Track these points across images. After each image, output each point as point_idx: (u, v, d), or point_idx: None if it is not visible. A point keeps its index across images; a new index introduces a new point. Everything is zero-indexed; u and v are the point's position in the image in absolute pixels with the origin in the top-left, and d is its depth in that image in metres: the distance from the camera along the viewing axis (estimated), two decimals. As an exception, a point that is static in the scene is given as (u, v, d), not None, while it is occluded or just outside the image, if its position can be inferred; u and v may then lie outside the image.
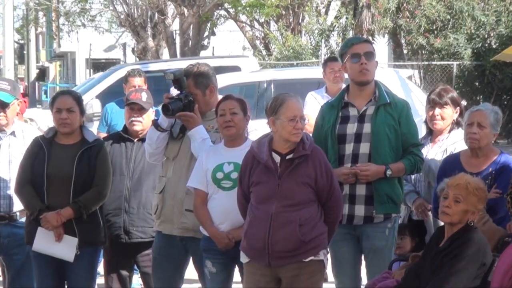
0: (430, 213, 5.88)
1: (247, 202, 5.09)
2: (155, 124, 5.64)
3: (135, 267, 6.58)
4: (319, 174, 4.98)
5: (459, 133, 5.92)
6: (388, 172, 5.45)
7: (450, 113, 6.07)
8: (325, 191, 5.00)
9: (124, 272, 6.44)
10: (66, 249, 5.71)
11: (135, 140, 6.39)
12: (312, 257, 5.00)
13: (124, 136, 6.43)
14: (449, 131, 6.08)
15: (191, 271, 6.09)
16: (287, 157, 4.98)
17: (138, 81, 8.33)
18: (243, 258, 5.10)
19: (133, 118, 6.40)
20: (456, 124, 6.07)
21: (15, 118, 6.29)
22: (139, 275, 6.82)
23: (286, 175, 4.96)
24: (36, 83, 52.20)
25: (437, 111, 6.04)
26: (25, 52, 51.25)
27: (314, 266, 5.02)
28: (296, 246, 4.93)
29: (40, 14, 38.80)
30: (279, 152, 5.00)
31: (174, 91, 6.07)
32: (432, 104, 6.07)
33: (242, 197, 5.14)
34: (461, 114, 6.04)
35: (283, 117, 4.91)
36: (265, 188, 4.97)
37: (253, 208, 5.03)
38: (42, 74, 60.20)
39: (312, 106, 8.18)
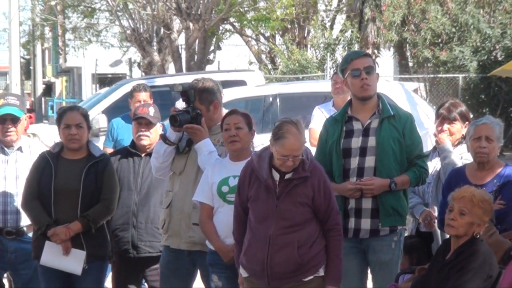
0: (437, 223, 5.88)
1: (244, 213, 5.06)
2: (163, 137, 5.66)
3: (143, 281, 6.59)
4: (317, 193, 4.97)
5: (465, 147, 5.92)
6: (393, 186, 5.45)
7: (458, 128, 6.08)
8: (322, 209, 4.99)
9: (132, 287, 6.45)
10: (74, 262, 5.73)
11: (143, 155, 6.41)
12: (311, 276, 5.00)
13: (132, 151, 6.45)
14: (457, 145, 6.08)
15: (198, 285, 6.10)
16: (286, 176, 4.94)
17: (144, 96, 8.36)
18: (243, 272, 5.09)
19: (141, 133, 6.42)
20: (464, 138, 6.07)
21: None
22: (146, 289, 6.82)
23: (284, 195, 4.92)
24: (43, 99, 52.32)
25: (446, 126, 6.05)
26: (31, 67, 51.41)
27: (315, 283, 5.01)
28: (295, 268, 4.93)
29: (46, 29, 38.93)
30: (278, 170, 4.96)
31: (179, 105, 6.10)
32: (441, 119, 6.08)
33: (240, 206, 5.08)
34: None
35: (277, 149, 4.86)
36: (263, 206, 4.95)
37: (252, 226, 5.00)
38: (49, 89, 60.33)
39: (319, 120, 8.20)
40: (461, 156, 5.98)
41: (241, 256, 5.05)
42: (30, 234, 6.05)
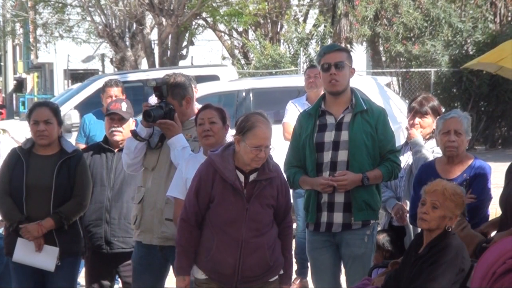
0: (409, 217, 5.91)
1: (197, 216, 4.86)
2: (134, 133, 5.64)
3: (117, 277, 6.57)
4: (281, 193, 4.97)
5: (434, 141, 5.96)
6: (365, 181, 5.47)
7: (429, 122, 6.11)
8: (282, 208, 5.00)
9: (106, 282, 6.43)
10: (46, 259, 5.70)
11: (116, 151, 6.39)
12: (276, 276, 5.02)
13: (105, 146, 6.43)
14: (428, 139, 6.11)
15: (171, 280, 6.09)
16: (251, 178, 4.88)
17: (116, 91, 8.33)
18: (200, 275, 4.97)
19: (113, 129, 6.40)
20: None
21: None
22: (120, 285, 6.80)
23: (253, 198, 4.86)
24: (14, 95, 51.90)
25: (417, 120, 6.08)
26: (2, 63, 50.96)
27: (276, 283, 5.04)
28: (264, 270, 4.94)
29: (17, 25, 38.61)
30: (242, 170, 4.89)
31: (152, 101, 6.07)
32: (412, 112, 6.11)
33: (196, 208, 4.86)
34: None
35: (249, 142, 4.78)
36: (231, 210, 4.83)
37: (217, 231, 4.85)
38: (20, 85, 59.87)
39: (293, 114, 8.21)
40: (433, 150, 6.01)
41: (201, 260, 4.90)
42: (1, 230, 6.00)
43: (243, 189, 4.85)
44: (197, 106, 5.80)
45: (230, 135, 5.57)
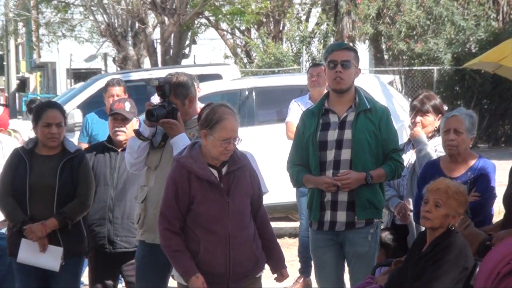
0: (411, 215, 5.90)
1: (180, 220, 4.77)
2: (137, 133, 5.64)
3: (120, 276, 6.58)
4: (253, 179, 4.92)
5: (438, 139, 5.95)
6: (369, 179, 5.47)
7: (431, 120, 6.10)
8: (256, 195, 4.94)
9: (109, 282, 6.43)
10: (51, 259, 5.70)
11: (119, 150, 6.39)
12: (261, 272, 4.99)
13: (108, 146, 6.43)
14: (431, 137, 6.11)
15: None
16: (223, 171, 4.80)
17: (118, 90, 8.32)
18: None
19: (117, 128, 6.39)
20: (438, 131, 6.10)
21: None
22: (123, 284, 6.80)
23: (232, 190, 4.79)
24: (17, 94, 51.96)
25: (419, 118, 6.08)
26: (4, 63, 51.03)
27: (260, 279, 5.00)
28: (252, 265, 4.89)
29: (20, 24, 38.65)
30: (212, 166, 4.82)
31: (155, 100, 6.07)
32: (414, 110, 6.11)
33: (177, 213, 4.75)
34: None
35: (217, 136, 4.71)
36: (214, 207, 4.75)
37: (202, 231, 4.75)
38: (23, 84, 59.94)
39: (296, 113, 8.21)
40: (436, 149, 6.01)
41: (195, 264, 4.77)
42: (3, 230, 5.99)
43: (220, 184, 4.78)
44: (200, 105, 5.80)
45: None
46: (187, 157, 4.79)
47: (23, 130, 11.70)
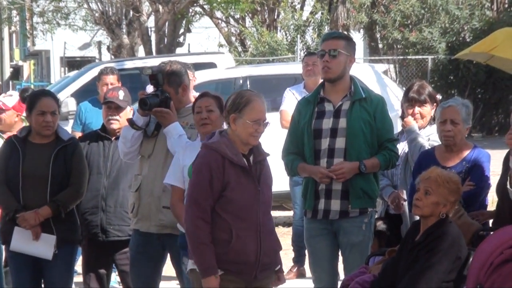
0: (405, 205, 5.91)
1: (210, 208, 4.68)
2: (130, 122, 5.63)
3: (113, 265, 6.58)
4: (270, 171, 4.92)
5: (433, 128, 5.95)
6: (363, 168, 5.47)
7: (429, 110, 6.08)
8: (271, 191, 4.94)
9: (102, 271, 6.43)
10: (44, 247, 5.70)
11: (113, 139, 6.38)
12: (279, 266, 4.97)
13: (102, 134, 6.42)
14: (425, 127, 6.10)
15: (168, 268, 6.09)
16: (251, 159, 4.77)
17: (111, 78, 8.31)
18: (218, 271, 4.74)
19: (111, 117, 6.38)
20: (433, 119, 6.09)
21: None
22: (117, 273, 6.81)
23: (262, 179, 4.78)
24: (10, 82, 51.82)
25: (417, 109, 6.04)
26: (-2, 51, 50.86)
27: (274, 275, 4.95)
28: (275, 256, 4.89)
29: (14, 12, 38.50)
30: (243, 155, 4.79)
31: (149, 89, 6.06)
32: (411, 102, 6.06)
33: (209, 201, 4.65)
34: None
35: (247, 117, 4.69)
36: (247, 194, 4.70)
37: (234, 218, 4.68)
38: (16, 73, 59.74)
39: (290, 102, 8.21)
40: (428, 138, 6.00)
41: (217, 254, 4.67)
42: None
43: (252, 171, 4.76)
44: (194, 94, 5.80)
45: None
46: (219, 143, 4.71)
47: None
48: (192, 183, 4.76)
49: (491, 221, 5.56)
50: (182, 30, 26.68)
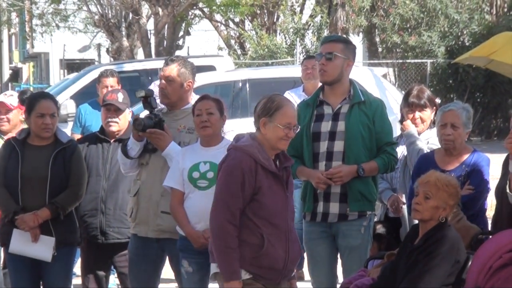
0: (404, 208, 5.91)
1: (239, 219, 4.60)
2: (124, 151, 5.64)
3: (112, 267, 6.58)
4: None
5: (433, 133, 5.95)
6: (361, 171, 5.47)
7: (429, 114, 6.09)
8: None
9: (101, 273, 6.43)
10: (43, 249, 5.70)
11: (112, 141, 6.38)
12: (294, 273, 4.95)
13: (101, 137, 6.42)
14: (425, 131, 6.11)
15: (167, 271, 6.10)
16: (278, 164, 4.74)
17: (111, 81, 8.31)
18: (244, 274, 4.69)
19: (110, 119, 6.38)
20: (433, 123, 6.09)
21: None
22: (116, 275, 6.81)
23: (289, 185, 4.77)
24: (9, 84, 51.82)
25: (417, 114, 6.04)
26: (-3, 53, 50.90)
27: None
28: (297, 263, 4.89)
29: (13, 15, 38.52)
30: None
31: (154, 88, 6.07)
32: (411, 107, 6.06)
33: (240, 206, 4.57)
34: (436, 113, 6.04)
35: (279, 122, 4.66)
36: (278, 200, 4.67)
37: (264, 223, 4.63)
38: (16, 75, 59.75)
39: (289, 105, 8.19)
40: (427, 141, 6.01)
41: (247, 258, 4.61)
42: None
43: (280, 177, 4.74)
44: (194, 97, 5.81)
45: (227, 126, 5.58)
46: (252, 147, 4.65)
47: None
48: (222, 185, 4.66)
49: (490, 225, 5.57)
50: (181, 33, 26.72)
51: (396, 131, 6.48)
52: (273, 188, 4.66)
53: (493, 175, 5.69)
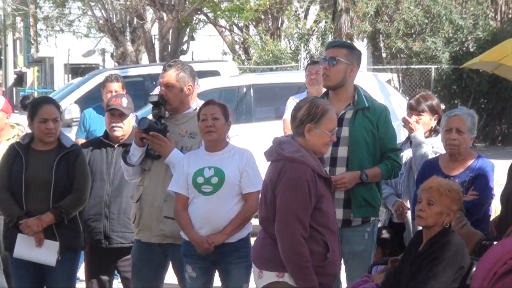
0: (409, 214, 5.91)
1: (308, 231, 4.53)
2: (124, 158, 5.65)
3: (116, 272, 6.58)
4: None
5: (437, 139, 5.95)
6: (364, 177, 5.47)
7: (426, 120, 6.08)
8: None
9: (105, 277, 6.43)
10: (47, 253, 5.70)
11: (116, 146, 6.39)
12: None
13: (105, 141, 6.43)
14: (427, 137, 6.10)
15: (170, 276, 6.09)
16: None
17: (116, 86, 8.31)
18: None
19: (114, 124, 6.39)
20: (434, 131, 6.09)
21: None
22: (119, 280, 6.81)
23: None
24: (14, 89, 51.92)
25: (414, 117, 6.06)
26: (2, 57, 50.98)
27: None
28: None
29: (18, 19, 38.62)
30: None
31: (157, 91, 6.08)
32: (409, 109, 6.11)
33: (308, 218, 4.51)
34: (439, 122, 5.99)
35: (324, 127, 4.65)
36: (331, 206, 4.70)
37: (326, 231, 4.61)
38: (20, 79, 59.88)
39: (293, 110, 8.19)
40: (432, 146, 6.00)
41: (316, 266, 4.54)
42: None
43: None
44: (199, 102, 5.82)
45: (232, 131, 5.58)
46: (307, 156, 4.59)
47: (25, 123, 11.71)
48: (290, 200, 4.53)
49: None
50: (186, 38, 26.76)
51: (400, 137, 6.48)
52: (328, 194, 4.68)
53: (498, 181, 5.68)
